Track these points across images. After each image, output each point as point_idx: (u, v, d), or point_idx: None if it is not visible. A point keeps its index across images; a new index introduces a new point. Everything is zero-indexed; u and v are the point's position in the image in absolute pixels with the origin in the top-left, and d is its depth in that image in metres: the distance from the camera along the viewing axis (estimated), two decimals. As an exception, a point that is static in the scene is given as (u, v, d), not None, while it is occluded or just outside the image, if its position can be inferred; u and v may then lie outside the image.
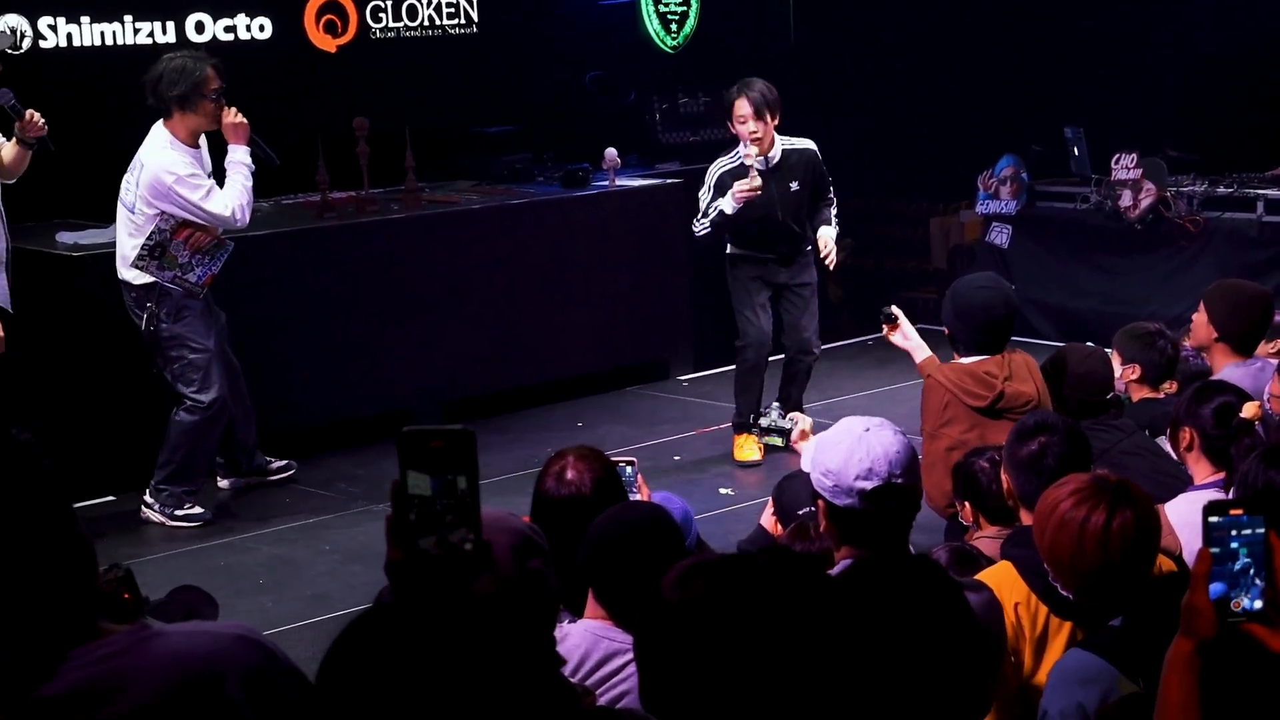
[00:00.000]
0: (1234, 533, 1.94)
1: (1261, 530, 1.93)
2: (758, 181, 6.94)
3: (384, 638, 1.63)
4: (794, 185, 7.15)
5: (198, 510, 6.68)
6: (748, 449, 7.24)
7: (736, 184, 6.94)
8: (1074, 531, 3.06)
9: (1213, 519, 1.95)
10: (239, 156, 6.52)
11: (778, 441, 6.12)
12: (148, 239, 6.38)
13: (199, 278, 6.47)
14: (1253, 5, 10.18)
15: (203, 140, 6.59)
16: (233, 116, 6.49)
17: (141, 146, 6.49)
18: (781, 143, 7.15)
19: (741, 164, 7.00)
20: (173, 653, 1.86)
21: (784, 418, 6.31)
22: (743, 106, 7.00)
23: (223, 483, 7.12)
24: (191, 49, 7.22)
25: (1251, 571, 1.93)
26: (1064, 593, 3.22)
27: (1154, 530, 3.13)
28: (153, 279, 6.43)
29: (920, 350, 5.45)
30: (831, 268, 7.34)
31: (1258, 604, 1.93)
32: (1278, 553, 1.91)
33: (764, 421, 6.35)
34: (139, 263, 6.40)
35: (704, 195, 7.16)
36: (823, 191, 7.30)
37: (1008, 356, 5.16)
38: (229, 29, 8.50)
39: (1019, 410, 4.98)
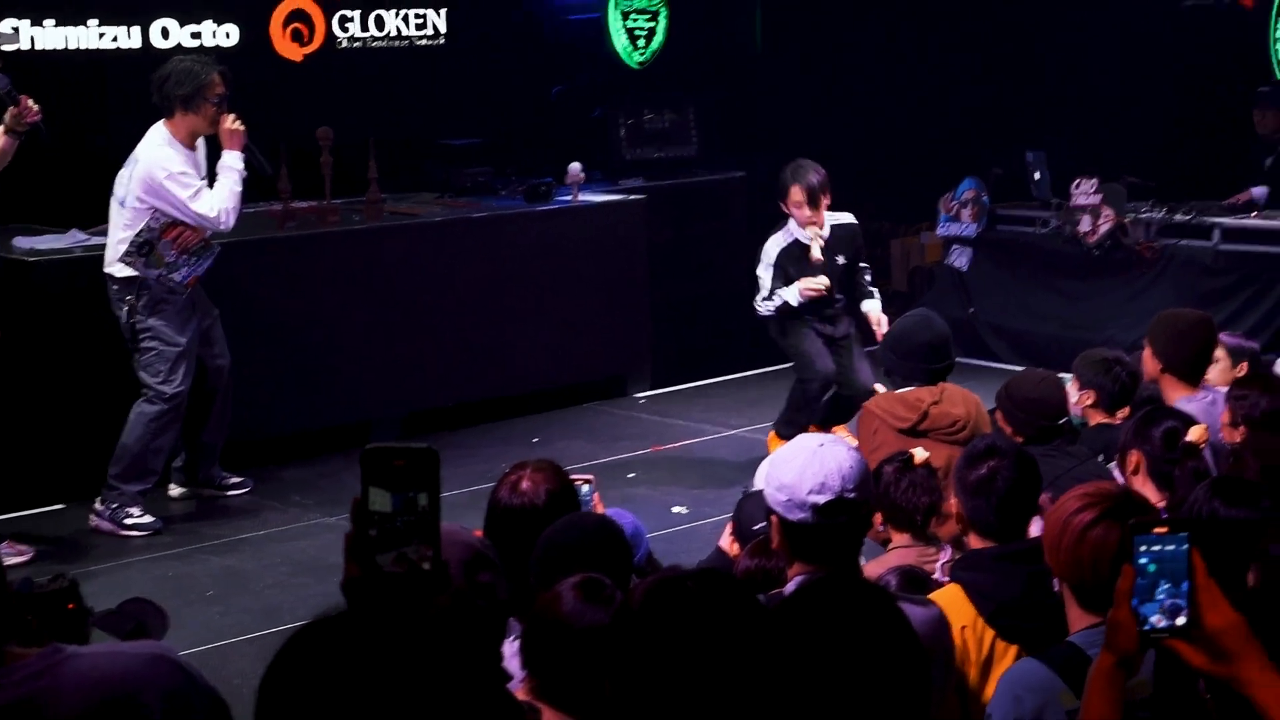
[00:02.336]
0: (1158, 550, 1.98)
1: (1185, 549, 1.98)
2: (825, 283, 7.13)
3: (330, 650, 1.61)
4: (840, 259, 7.33)
5: (147, 519, 6.65)
6: None
7: (804, 283, 7.11)
8: (1096, 544, 2.86)
9: (1137, 537, 1.99)
10: (231, 161, 6.65)
11: None
12: (137, 235, 6.48)
13: (183, 278, 6.56)
14: (1213, 38, 10.28)
15: (201, 144, 6.69)
16: (230, 123, 6.64)
17: (140, 143, 6.59)
18: (829, 219, 7.31)
19: (797, 242, 7.20)
20: (89, 674, 1.84)
21: None
22: (797, 194, 7.18)
23: (174, 491, 7.09)
24: (197, 54, 7.25)
25: (1173, 588, 1.98)
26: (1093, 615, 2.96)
27: None
28: (135, 273, 6.49)
29: None
30: (880, 339, 7.46)
31: (1179, 620, 1.97)
32: (1200, 571, 1.96)
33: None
34: (126, 258, 6.50)
35: (763, 274, 7.28)
36: (859, 260, 7.50)
37: (943, 386, 5.32)
38: (195, 35, 8.46)
39: (945, 430, 5.08)
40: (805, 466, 3.22)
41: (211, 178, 6.66)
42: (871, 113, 11.15)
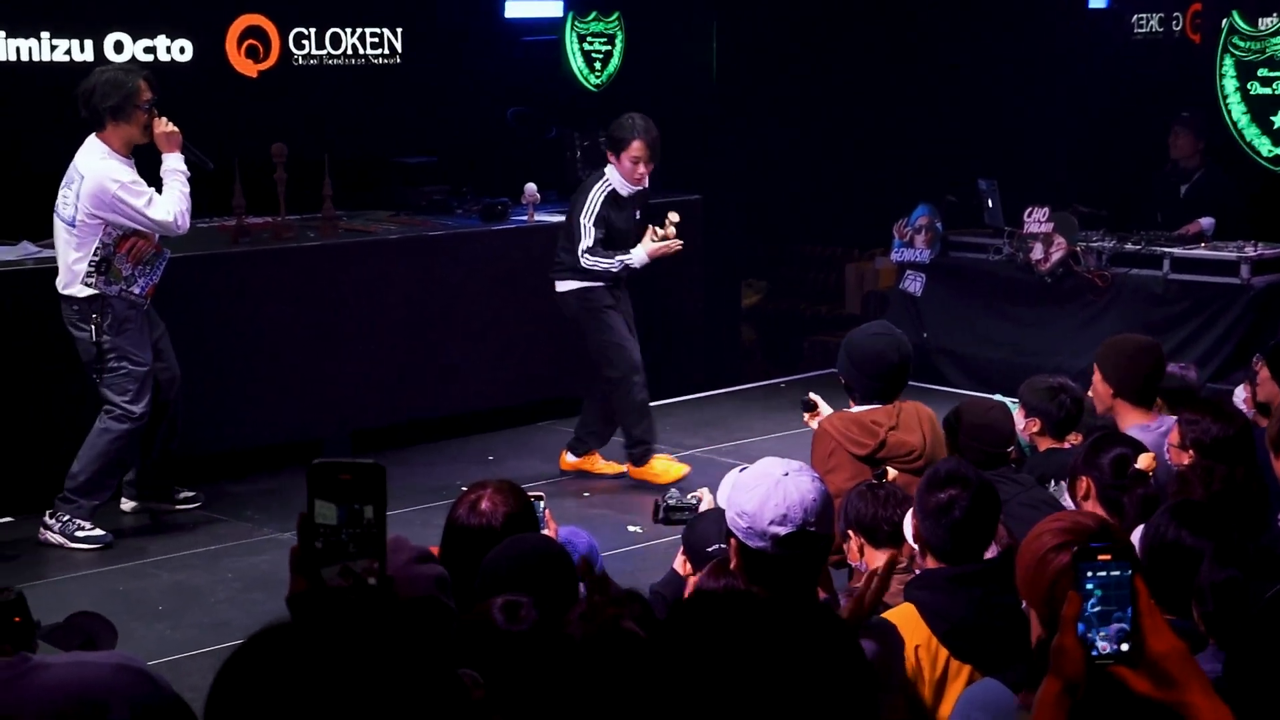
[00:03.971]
0: (1103, 576, 2.00)
1: (1128, 574, 2.00)
2: (679, 245, 7.31)
3: (279, 661, 1.60)
4: (638, 214, 7.50)
5: (98, 532, 6.59)
6: (673, 469, 7.39)
7: (657, 248, 7.30)
8: (1057, 569, 2.86)
9: (1082, 564, 2.02)
10: (174, 164, 6.57)
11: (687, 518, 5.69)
12: (94, 254, 6.39)
13: (142, 289, 6.51)
14: (1163, 70, 10.40)
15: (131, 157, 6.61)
16: (164, 126, 6.56)
17: (76, 159, 6.50)
18: None
19: (615, 191, 7.31)
20: (56, 684, 1.84)
21: (688, 496, 6.03)
22: (639, 149, 7.27)
23: (126, 505, 7.04)
24: (118, 64, 7.21)
25: (1117, 614, 2.00)
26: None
27: None
28: (97, 291, 6.43)
29: None
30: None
31: (1124, 646, 1.99)
32: (1143, 597, 1.98)
33: (671, 501, 6.09)
34: (88, 279, 6.41)
35: (587, 222, 7.28)
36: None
37: (899, 406, 5.13)
38: (149, 49, 8.42)
39: (901, 459, 4.98)
40: (768, 496, 3.17)
41: (154, 186, 6.57)
42: (827, 139, 11.22)
